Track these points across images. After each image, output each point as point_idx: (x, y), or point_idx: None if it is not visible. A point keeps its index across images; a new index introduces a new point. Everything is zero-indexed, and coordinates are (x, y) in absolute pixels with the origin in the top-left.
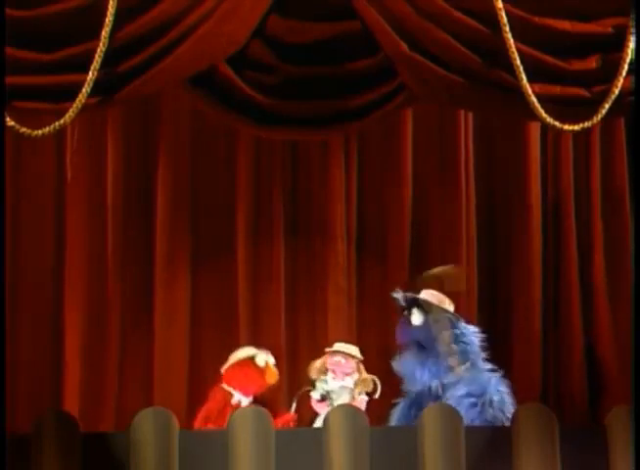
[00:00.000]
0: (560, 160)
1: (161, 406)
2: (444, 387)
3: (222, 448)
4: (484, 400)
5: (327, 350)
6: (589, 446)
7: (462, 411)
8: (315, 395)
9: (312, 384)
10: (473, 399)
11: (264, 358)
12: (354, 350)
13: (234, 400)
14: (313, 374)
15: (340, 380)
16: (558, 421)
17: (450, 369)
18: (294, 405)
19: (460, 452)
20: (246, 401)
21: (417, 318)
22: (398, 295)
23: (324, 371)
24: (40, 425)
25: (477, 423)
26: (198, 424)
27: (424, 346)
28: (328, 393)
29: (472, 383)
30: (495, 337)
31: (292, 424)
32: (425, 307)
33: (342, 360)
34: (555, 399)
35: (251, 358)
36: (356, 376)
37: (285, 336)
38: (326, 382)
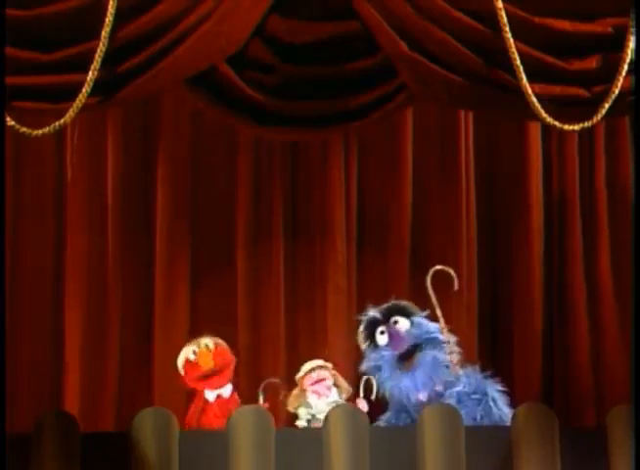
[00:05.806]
0: (565, 159)
1: (161, 406)
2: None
3: (222, 448)
4: (487, 399)
5: (297, 377)
6: (589, 446)
7: (466, 408)
8: (301, 422)
9: (295, 415)
10: (477, 396)
11: (186, 353)
12: (320, 362)
13: (210, 398)
14: (292, 406)
15: (325, 397)
16: (561, 421)
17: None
18: (261, 398)
19: (460, 452)
20: (227, 392)
21: (404, 325)
22: (373, 312)
23: (303, 396)
24: (40, 425)
25: (480, 421)
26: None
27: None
28: (313, 416)
29: (469, 382)
30: (495, 337)
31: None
32: (408, 312)
33: (314, 375)
34: (562, 400)
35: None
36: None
37: (284, 336)
38: (310, 406)
